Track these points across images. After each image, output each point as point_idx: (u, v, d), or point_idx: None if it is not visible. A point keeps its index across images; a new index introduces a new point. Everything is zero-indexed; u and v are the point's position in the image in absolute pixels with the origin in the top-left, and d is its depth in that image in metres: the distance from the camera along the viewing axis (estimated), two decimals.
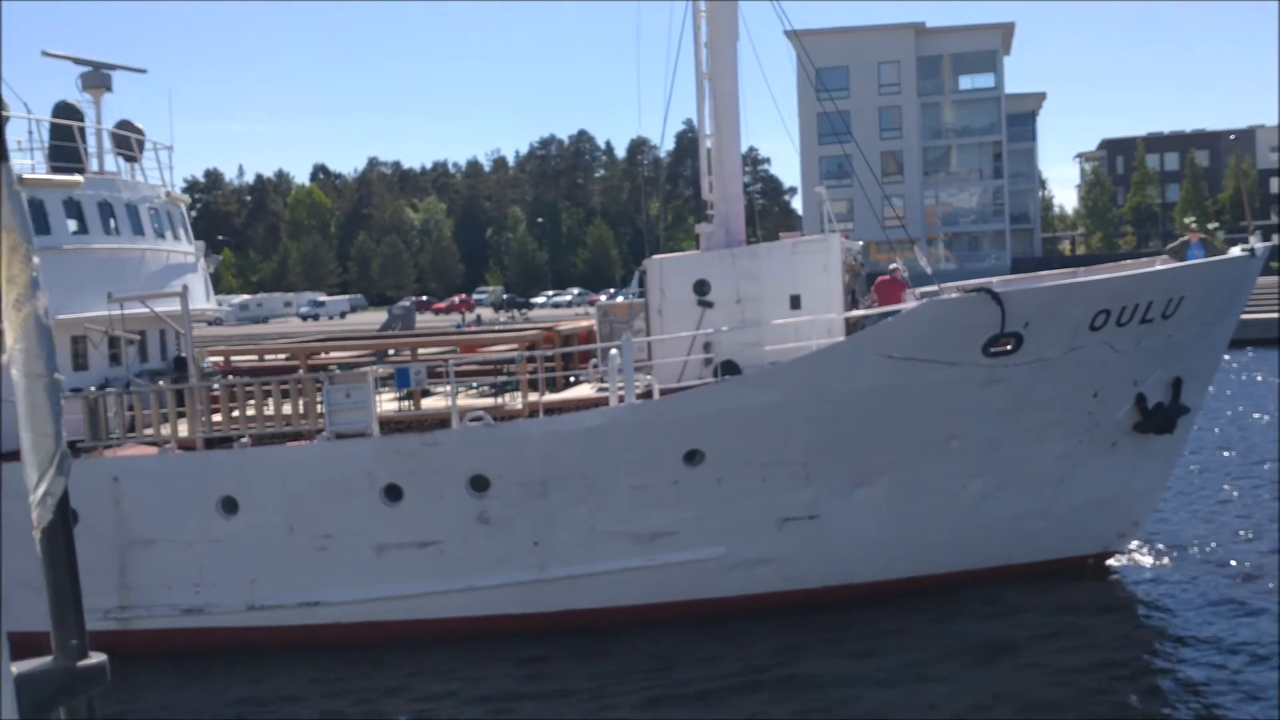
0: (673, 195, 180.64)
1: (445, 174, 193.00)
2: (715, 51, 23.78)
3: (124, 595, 22.14)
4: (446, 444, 21.22)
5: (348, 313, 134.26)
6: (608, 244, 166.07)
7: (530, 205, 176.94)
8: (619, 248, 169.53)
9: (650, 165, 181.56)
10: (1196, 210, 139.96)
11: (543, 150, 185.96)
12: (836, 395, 20.53)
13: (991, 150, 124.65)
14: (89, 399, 22.28)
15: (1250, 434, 38.48)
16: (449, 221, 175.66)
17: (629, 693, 19.02)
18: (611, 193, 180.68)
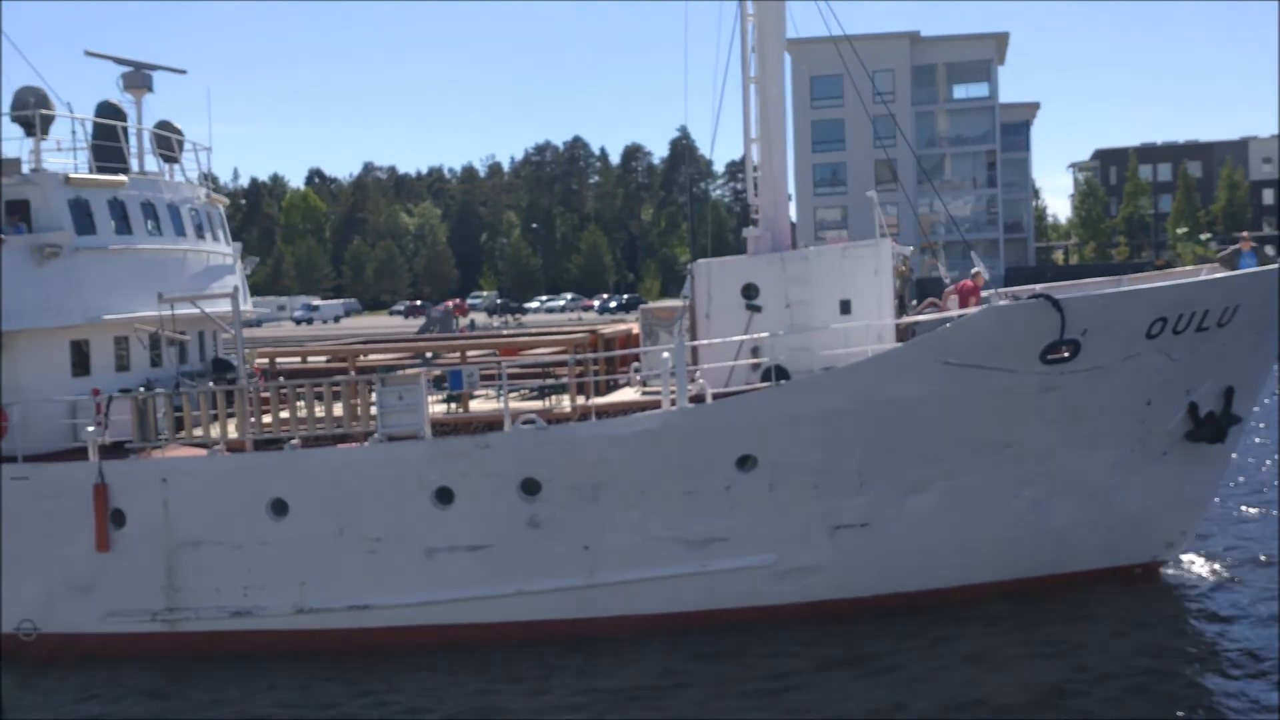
0: (666, 202, 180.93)
1: (440, 179, 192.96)
2: (763, 54, 23.79)
3: (171, 597, 22.05)
4: (498, 447, 21.18)
5: (342, 317, 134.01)
6: (601, 250, 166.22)
7: (525, 211, 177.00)
8: (612, 254, 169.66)
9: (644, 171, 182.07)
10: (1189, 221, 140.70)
11: (538, 156, 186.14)
12: (892, 401, 20.52)
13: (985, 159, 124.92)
14: (138, 400, 22.22)
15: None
16: (444, 226, 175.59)
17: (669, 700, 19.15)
18: (605, 199, 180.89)
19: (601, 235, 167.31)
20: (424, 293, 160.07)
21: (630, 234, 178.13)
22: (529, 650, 21.29)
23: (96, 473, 21.79)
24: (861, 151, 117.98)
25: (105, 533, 21.86)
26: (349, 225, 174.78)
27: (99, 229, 24.02)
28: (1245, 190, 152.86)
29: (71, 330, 23.70)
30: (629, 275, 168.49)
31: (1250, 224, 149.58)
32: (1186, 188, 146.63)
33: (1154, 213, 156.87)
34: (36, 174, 23.64)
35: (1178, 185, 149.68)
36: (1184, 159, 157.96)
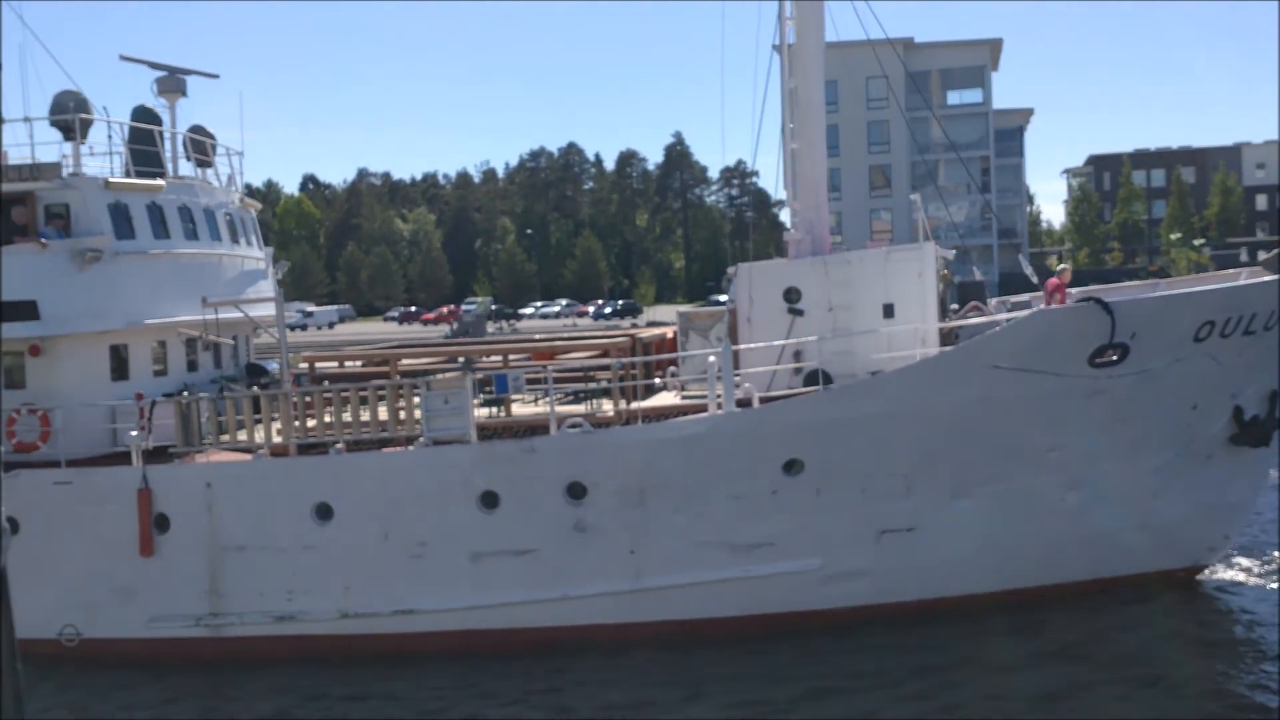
0: (661, 208, 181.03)
1: (435, 185, 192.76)
2: (801, 57, 23.89)
3: (215, 602, 22.01)
4: (544, 451, 21.17)
5: (336, 323, 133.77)
6: (596, 255, 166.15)
7: (519, 216, 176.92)
8: (607, 259, 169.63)
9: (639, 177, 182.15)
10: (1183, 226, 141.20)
11: (532, 162, 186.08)
12: (941, 406, 20.54)
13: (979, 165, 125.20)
14: (182, 404, 22.18)
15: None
16: (438, 232, 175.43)
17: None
18: (600, 204, 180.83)
19: (596, 241, 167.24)
20: (419, 299, 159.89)
21: (625, 240, 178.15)
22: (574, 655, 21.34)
23: (140, 477, 21.74)
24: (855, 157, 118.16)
25: (149, 537, 21.81)
26: (343, 231, 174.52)
27: (138, 233, 23.98)
28: (1239, 196, 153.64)
29: (111, 335, 23.66)
30: (624, 281, 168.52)
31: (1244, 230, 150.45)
32: (1180, 193, 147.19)
33: (1148, 218, 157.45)
34: (76, 178, 23.60)
35: (1171, 191, 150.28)
36: (1177, 165, 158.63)
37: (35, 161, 23.46)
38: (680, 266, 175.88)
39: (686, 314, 25.11)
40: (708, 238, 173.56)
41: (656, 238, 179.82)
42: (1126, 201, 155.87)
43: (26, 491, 22.09)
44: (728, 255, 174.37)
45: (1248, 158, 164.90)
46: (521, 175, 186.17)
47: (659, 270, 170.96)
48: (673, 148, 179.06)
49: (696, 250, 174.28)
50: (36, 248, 22.68)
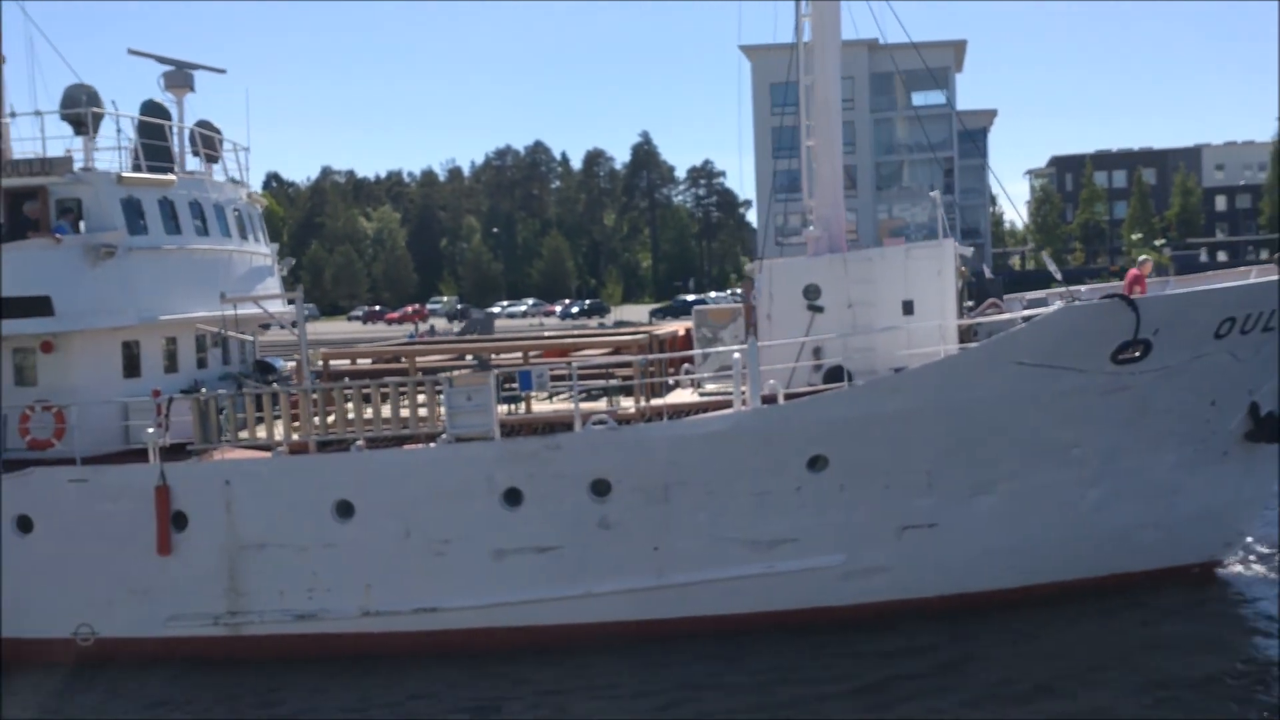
0: (628, 207, 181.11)
1: (400, 183, 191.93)
2: (817, 54, 23.98)
3: (234, 601, 21.82)
4: (569, 448, 21.13)
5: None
6: (563, 255, 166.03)
7: (485, 215, 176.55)
8: (574, 259, 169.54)
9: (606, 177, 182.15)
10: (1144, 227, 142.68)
11: (498, 160, 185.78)
12: (965, 402, 20.64)
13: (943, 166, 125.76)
14: (199, 401, 21.99)
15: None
16: (403, 231, 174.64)
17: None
18: (567, 204, 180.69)
19: (563, 240, 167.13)
20: (383, 298, 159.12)
21: (592, 239, 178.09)
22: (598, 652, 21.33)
23: (158, 475, 21.53)
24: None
25: (167, 535, 21.59)
26: (306, 230, 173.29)
27: (150, 229, 23.76)
28: (1198, 197, 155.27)
29: (124, 331, 23.42)
30: (591, 281, 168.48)
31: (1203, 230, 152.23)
32: (1141, 194, 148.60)
33: (1109, 219, 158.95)
34: (88, 173, 23.33)
35: (1132, 192, 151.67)
36: (1139, 166, 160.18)
37: (46, 156, 23.16)
38: (648, 266, 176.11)
39: (703, 311, 25.16)
40: (675, 237, 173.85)
41: (624, 237, 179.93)
42: (1088, 202, 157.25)
43: (41, 489, 21.90)
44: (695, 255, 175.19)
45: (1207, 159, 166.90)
46: (488, 174, 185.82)
47: (626, 270, 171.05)
48: (640, 147, 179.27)
49: (664, 250, 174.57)
50: (50, 242, 22.41)
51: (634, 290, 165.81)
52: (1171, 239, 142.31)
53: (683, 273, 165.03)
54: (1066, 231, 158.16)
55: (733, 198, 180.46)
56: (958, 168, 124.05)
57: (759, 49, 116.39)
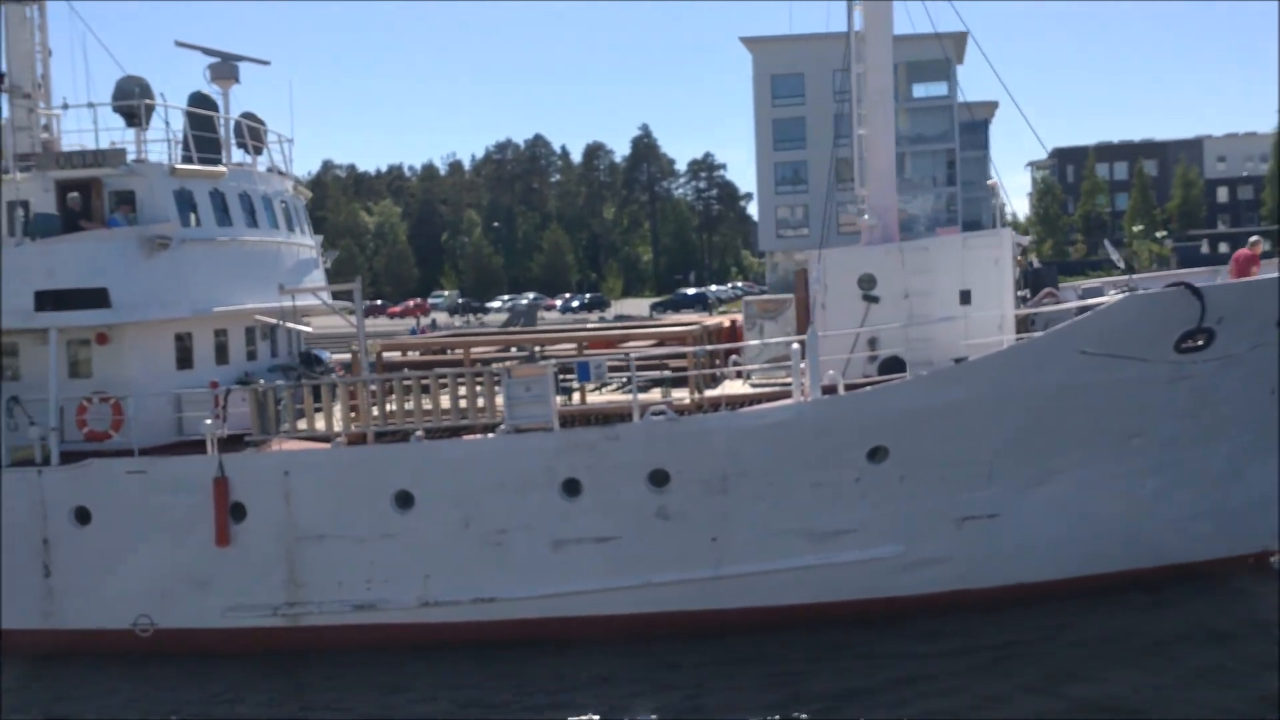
0: (628, 200, 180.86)
1: (400, 177, 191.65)
2: (869, 43, 23.94)
3: (293, 592, 21.82)
4: (627, 438, 21.12)
5: None
6: (563, 248, 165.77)
7: (486, 209, 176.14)
8: (574, 252, 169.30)
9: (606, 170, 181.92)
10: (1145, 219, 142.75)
11: (499, 154, 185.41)
12: (1027, 392, 20.63)
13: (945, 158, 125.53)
14: (258, 392, 21.96)
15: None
16: (404, 225, 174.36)
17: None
18: (567, 197, 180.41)
19: (563, 234, 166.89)
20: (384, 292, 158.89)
21: (592, 233, 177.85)
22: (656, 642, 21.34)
23: (216, 466, 21.51)
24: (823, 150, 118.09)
25: (225, 527, 21.58)
26: None
27: (202, 220, 23.74)
28: (1200, 188, 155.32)
29: (178, 323, 23.39)
30: (591, 274, 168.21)
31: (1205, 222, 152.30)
32: (1142, 186, 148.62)
33: (1110, 210, 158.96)
34: (141, 164, 23.30)
35: (1134, 183, 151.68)
36: (1140, 157, 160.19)
37: (100, 147, 23.12)
38: (648, 259, 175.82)
39: (753, 302, 25.13)
40: (675, 230, 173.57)
41: (624, 230, 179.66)
42: (1090, 194, 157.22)
43: (98, 481, 21.88)
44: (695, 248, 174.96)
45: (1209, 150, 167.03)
46: (488, 168, 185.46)
47: (626, 263, 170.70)
48: (640, 140, 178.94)
49: (664, 243, 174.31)
50: (107, 234, 22.37)
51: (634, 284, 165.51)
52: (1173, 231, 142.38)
53: (683, 266, 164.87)
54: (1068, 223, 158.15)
55: (733, 190, 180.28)
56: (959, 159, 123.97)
57: (760, 41, 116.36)
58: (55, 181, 23.14)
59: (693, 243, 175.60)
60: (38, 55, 25.32)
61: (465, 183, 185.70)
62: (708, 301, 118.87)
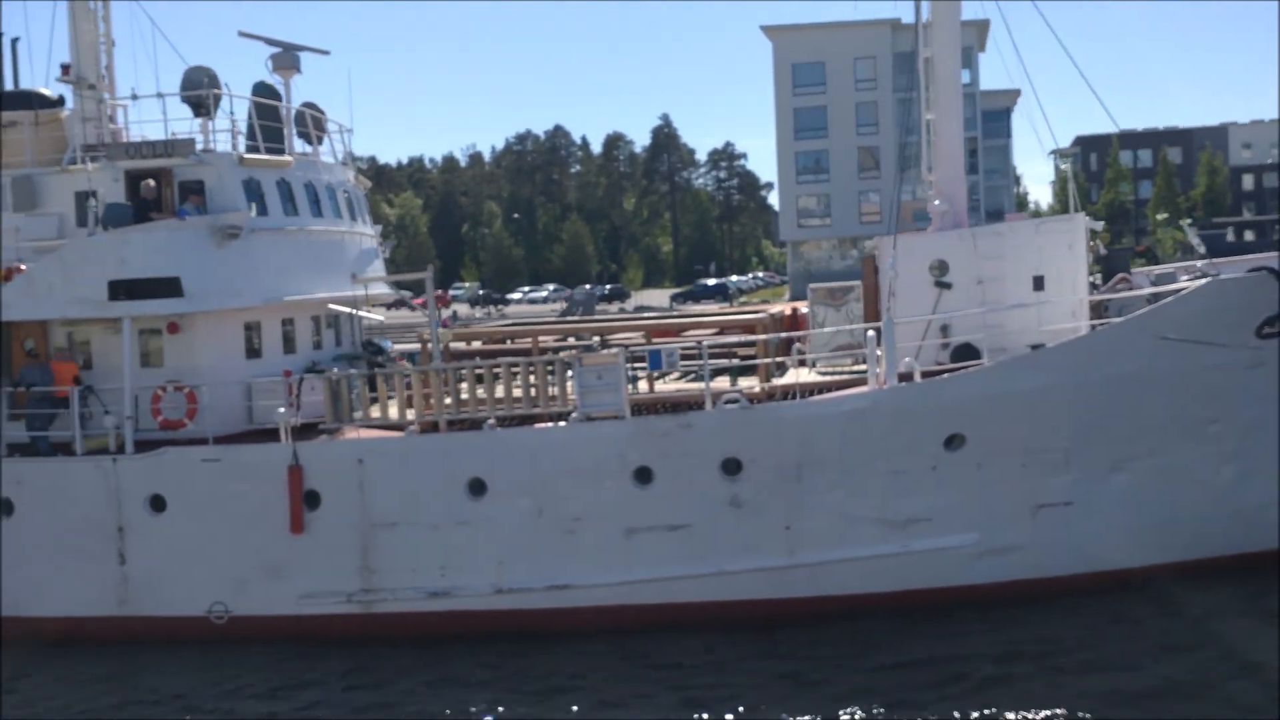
0: (648, 191, 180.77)
1: (421, 169, 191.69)
2: (936, 27, 23.83)
3: (367, 579, 21.86)
4: (700, 426, 21.10)
5: None
6: (584, 239, 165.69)
7: (506, 201, 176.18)
8: (595, 243, 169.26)
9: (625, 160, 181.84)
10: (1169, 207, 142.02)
11: (519, 145, 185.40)
12: (1106, 378, 20.52)
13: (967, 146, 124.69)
14: (332, 380, 22.01)
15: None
16: (424, 217, 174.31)
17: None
18: (587, 188, 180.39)
19: (583, 225, 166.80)
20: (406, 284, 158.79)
21: (612, 224, 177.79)
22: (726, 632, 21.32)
23: (291, 454, 21.55)
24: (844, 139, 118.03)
25: (299, 514, 21.62)
26: None
27: (270, 210, 23.78)
28: (1225, 176, 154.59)
29: (247, 312, 23.46)
30: (611, 265, 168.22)
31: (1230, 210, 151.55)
32: (1167, 174, 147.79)
33: (1134, 199, 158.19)
34: (210, 154, 23.33)
35: (1158, 171, 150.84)
36: (1164, 145, 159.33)
37: (170, 137, 23.15)
38: (668, 250, 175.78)
39: (819, 289, 25.08)
40: (695, 221, 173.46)
41: (644, 221, 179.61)
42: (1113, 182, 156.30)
43: (174, 469, 21.95)
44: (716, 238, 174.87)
45: (1234, 138, 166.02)
46: (508, 159, 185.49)
47: (646, 254, 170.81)
48: (660, 130, 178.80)
49: (684, 234, 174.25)
50: (178, 224, 22.41)
51: (654, 274, 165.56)
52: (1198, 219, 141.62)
53: (703, 256, 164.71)
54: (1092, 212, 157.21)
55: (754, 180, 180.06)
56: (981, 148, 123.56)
57: (780, 29, 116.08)
58: (125, 172, 23.19)
59: (713, 233, 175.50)
60: (101, 47, 25.35)
61: (485, 174, 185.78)
62: (728, 292, 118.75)
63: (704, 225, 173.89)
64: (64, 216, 23.86)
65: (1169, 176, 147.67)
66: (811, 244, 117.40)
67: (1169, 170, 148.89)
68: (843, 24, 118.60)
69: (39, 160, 24.27)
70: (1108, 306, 22.59)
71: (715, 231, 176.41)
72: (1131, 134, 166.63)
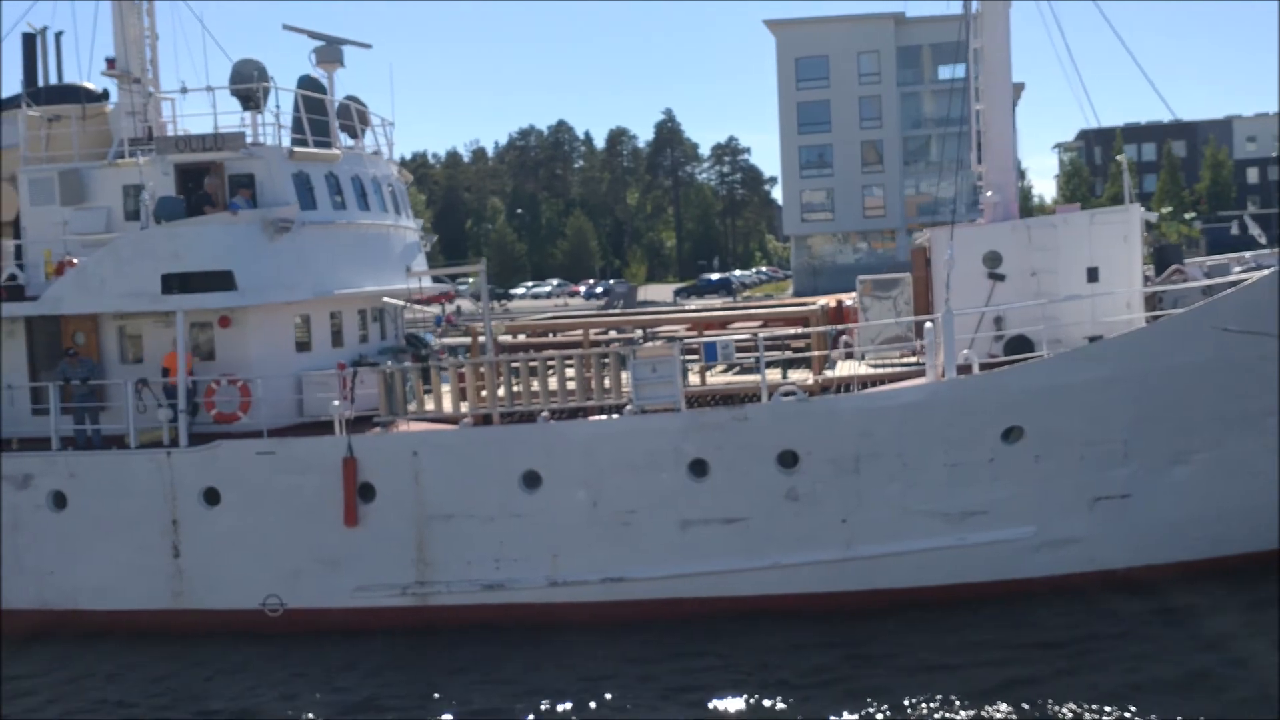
0: (651, 186, 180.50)
1: (424, 165, 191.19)
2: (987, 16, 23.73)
3: (422, 571, 21.82)
4: (756, 419, 21.05)
5: None
6: (587, 235, 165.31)
7: (509, 196, 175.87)
8: (598, 238, 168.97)
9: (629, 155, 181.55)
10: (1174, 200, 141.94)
11: (522, 141, 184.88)
12: (1166, 370, 20.47)
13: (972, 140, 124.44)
14: (386, 373, 21.96)
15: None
16: (428, 213, 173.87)
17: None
18: (590, 184, 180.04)
19: (587, 220, 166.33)
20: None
21: (616, 219, 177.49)
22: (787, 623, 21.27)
23: (346, 447, 21.49)
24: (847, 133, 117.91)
25: (354, 507, 21.56)
26: None
27: (319, 204, 23.71)
28: (1229, 169, 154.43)
29: (298, 306, 23.41)
30: (615, 261, 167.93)
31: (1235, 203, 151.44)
32: (1171, 167, 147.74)
33: (1139, 192, 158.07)
34: (260, 148, 23.25)
35: (1162, 165, 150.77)
36: (1168, 138, 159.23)
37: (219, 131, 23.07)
38: (671, 245, 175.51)
39: (866, 281, 25.02)
40: (699, 216, 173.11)
41: (647, 216, 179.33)
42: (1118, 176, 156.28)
43: (228, 462, 21.90)
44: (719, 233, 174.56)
45: (1239, 131, 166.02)
46: (511, 154, 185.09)
47: (650, 249, 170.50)
48: (663, 125, 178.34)
49: (688, 229, 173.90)
50: (230, 217, 22.35)
51: (658, 270, 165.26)
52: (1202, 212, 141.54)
53: (707, 251, 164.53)
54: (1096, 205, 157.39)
55: (758, 175, 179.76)
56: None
57: (784, 23, 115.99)
58: (174, 165, 23.12)
59: (716, 228, 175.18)
60: (146, 41, 25.27)
61: (489, 170, 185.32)
62: (731, 287, 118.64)
63: (707, 220, 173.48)
64: (111, 210, 23.78)
65: (1173, 170, 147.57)
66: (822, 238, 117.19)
67: (1173, 164, 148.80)
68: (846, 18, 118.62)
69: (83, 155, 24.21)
70: (1162, 298, 22.53)
71: (718, 226, 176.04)
72: (1136, 127, 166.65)
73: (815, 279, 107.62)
